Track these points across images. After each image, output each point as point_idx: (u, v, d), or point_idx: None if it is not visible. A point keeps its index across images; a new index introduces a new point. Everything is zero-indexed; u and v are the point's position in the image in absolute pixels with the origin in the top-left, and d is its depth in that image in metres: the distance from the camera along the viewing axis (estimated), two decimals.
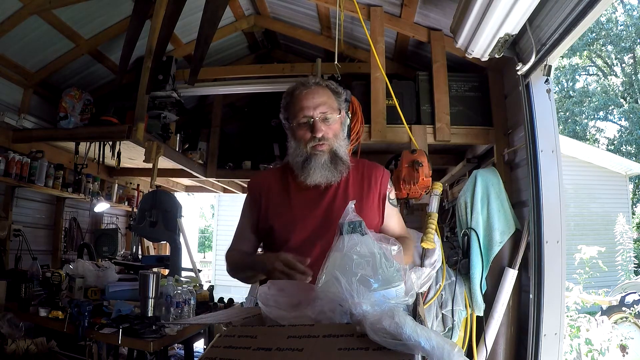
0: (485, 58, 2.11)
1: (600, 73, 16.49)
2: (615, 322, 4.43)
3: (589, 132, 15.86)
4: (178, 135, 4.13)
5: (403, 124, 2.52)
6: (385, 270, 0.77)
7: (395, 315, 0.63)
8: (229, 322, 1.01)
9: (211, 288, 3.08)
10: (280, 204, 1.32)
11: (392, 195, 1.39)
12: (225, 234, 9.56)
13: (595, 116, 15.74)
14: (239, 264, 1.35)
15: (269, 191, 1.36)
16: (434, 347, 0.61)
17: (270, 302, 0.84)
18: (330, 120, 1.28)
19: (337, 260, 0.78)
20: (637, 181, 13.37)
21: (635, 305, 4.39)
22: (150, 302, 2.26)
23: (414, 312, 1.21)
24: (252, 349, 0.72)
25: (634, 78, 15.25)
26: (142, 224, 3.74)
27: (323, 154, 1.27)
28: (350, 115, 2.48)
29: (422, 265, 1.95)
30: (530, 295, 2.04)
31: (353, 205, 0.86)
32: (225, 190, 5.89)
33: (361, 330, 0.65)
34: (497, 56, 2.08)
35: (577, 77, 16.36)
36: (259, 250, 1.45)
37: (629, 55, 15.38)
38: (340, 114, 1.32)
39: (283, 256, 1.06)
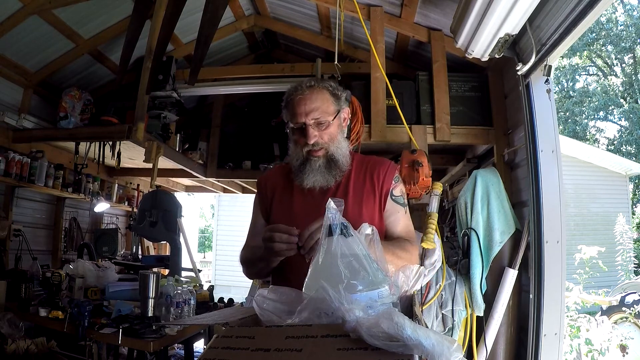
0: (485, 58, 2.11)
1: (600, 73, 16.48)
2: (615, 322, 4.43)
3: (589, 132, 15.85)
4: (178, 135, 4.13)
5: (403, 124, 2.51)
6: (370, 273, 0.77)
7: (393, 316, 0.63)
8: (225, 322, 1.01)
9: (211, 288, 3.08)
10: (283, 202, 1.34)
11: (396, 191, 1.33)
12: (225, 234, 9.54)
13: (595, 116, 15.74)
14: (249, 258, 1.32)
15: (275, 188, 1.38)
16: (434, 345, 0.62)
17: (264, 306, 0.84)
18: (324, 125, 1.26)
19: (323, 265, 0.78)
20: (637, 181, 13.37)
21: (635, 305, 4.39)
22: (150, 302, 2.26)
23: (410, 311, 1.20)
24: (251, 350, 0.72)
25: (634, 78, 15.24)
26: (142, 224, 3.74)
27: (318, 159, 1.27)
28: (350, 115, 2.47)
29: (421, 265, 1.95)
30: (530, 295, 2.04)
31: (335, 206, 0.84)
32: (225, 190, 5.89)
33: (355, 336, 0.65)
34: (497, 56, 2.08)
35: (577, 77, 16.36)
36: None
37: (629, 55, 15.38)
38: (336, 116, 1.29)
39: (271, 226, 1.07)
